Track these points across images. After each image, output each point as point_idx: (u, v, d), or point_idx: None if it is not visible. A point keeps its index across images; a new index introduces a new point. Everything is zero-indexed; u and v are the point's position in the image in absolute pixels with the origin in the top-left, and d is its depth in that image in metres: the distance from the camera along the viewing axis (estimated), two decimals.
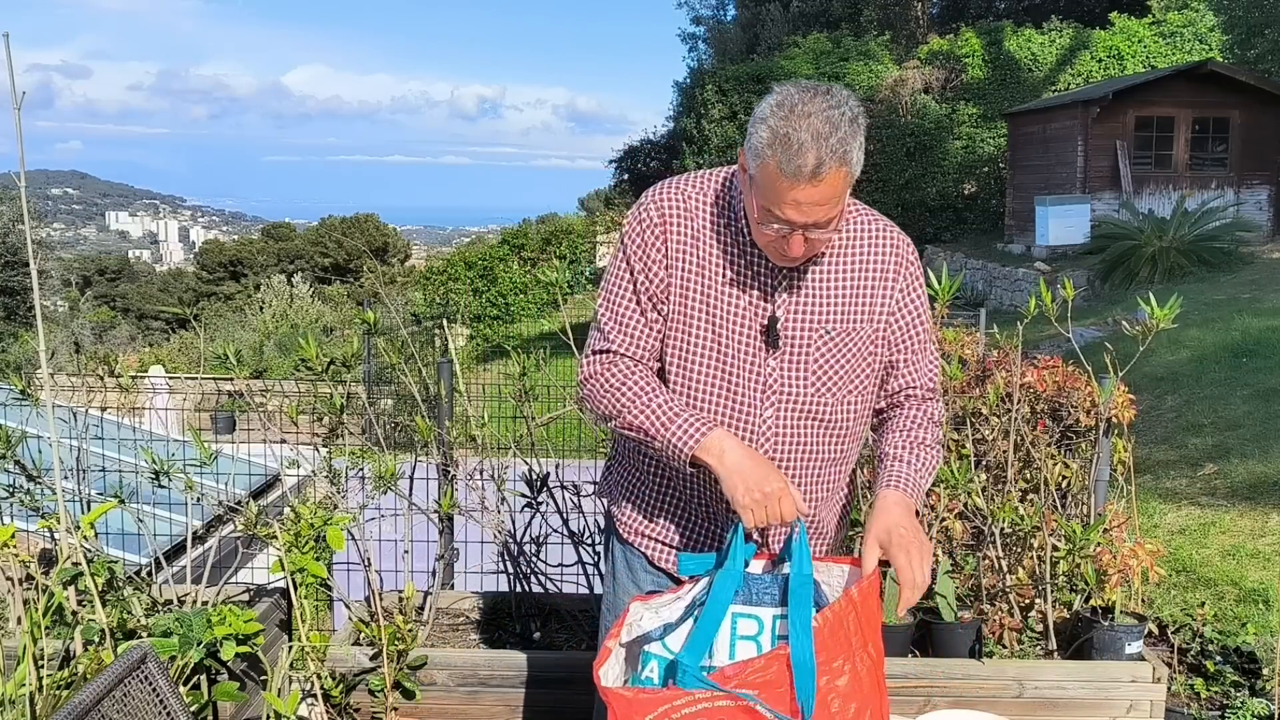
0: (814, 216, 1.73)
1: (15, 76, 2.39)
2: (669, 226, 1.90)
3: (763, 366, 1.91)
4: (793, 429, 1.94)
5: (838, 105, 1.71)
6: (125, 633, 2.73)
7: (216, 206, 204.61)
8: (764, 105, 1.75)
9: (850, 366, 1.95)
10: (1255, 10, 17.12)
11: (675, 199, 1.92)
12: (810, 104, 1.69)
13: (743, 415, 1.93)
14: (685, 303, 1.91)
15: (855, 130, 1.71)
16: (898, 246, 1.97)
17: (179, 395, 8.06)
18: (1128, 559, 3.14)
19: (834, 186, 1.71)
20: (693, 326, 1.92)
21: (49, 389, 2.95)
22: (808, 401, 1.93)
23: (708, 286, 1.90)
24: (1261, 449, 6.52)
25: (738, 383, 1.92)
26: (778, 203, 1.73)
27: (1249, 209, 16.72)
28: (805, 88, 1.73)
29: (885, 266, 1.95)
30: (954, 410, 3.36)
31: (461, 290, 23.10)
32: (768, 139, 1.70)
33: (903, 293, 1.97)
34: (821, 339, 1.92)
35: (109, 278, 50.00)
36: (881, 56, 22.20)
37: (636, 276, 1.92)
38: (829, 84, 1.76)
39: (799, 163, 1.67)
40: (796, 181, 1.69)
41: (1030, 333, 3.31)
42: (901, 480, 1.90)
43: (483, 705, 3.06)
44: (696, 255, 1.90)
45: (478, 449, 3.47)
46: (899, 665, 3.03)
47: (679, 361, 1.94)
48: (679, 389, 1.95)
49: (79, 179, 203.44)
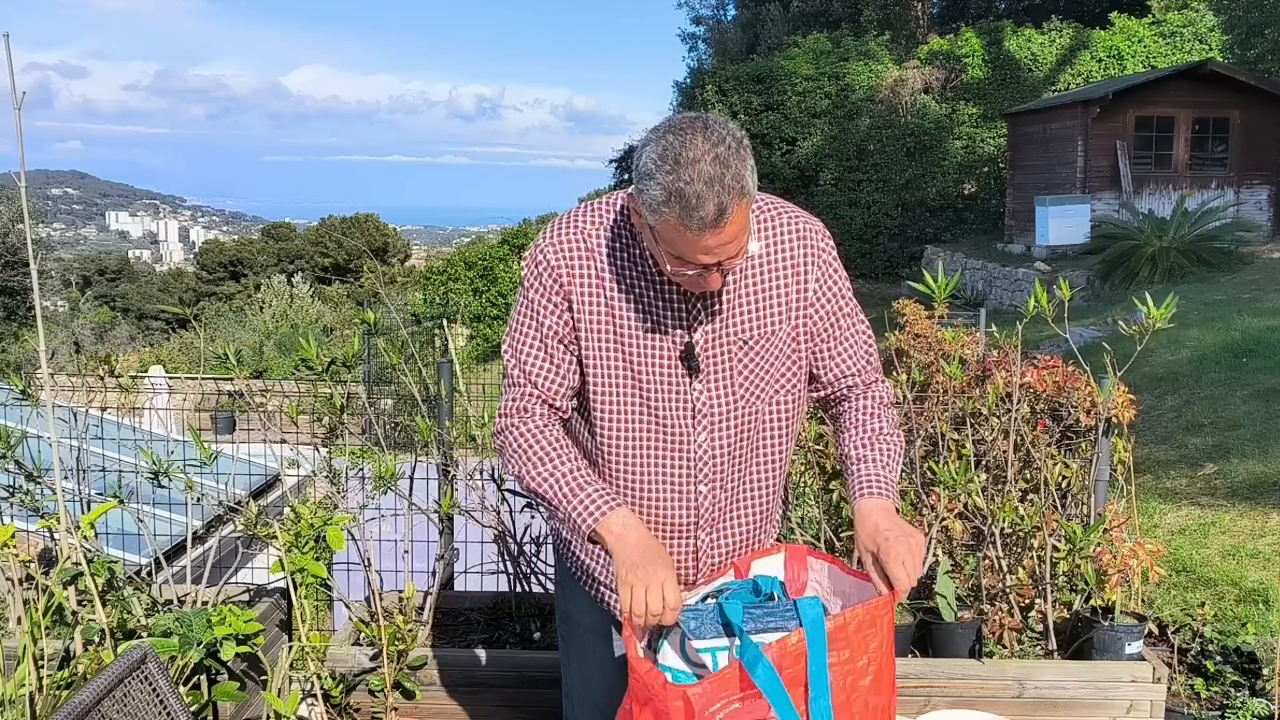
0: (727, 254, 1.69)
1: (15, 76, 2.39)
2: (569, 268, 1.84)
3: (688, 393, 1.87)
4: (728, 446, 1.91)
5: (721, 140, 1.63)
6: (125, 633, 2.73)
7: (216, 206, 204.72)
8: (646, 158, 1.66)
9: (775, 371, 1.91)
10: (1255, 10, 17.12)
11: (572, 238, 1.85)
12: (693, 147, 1.61)
13: (677, 446, 1.89)
14: (597, 343, 1.86)
15: (743, 156, 1.65)
16: (805, 236, 1.89)
17: (179, 395, 8.05)
18: (1128, 559, 3.14)
19: (740, 222, 1.66)
20: (609, 366, 1.87)
21: (49, 389, 2.95)
22: (739, 415, 1.90)
23: (618, 324, 1.85)
24: (1261, 449, 6.52)
25: (665, 414, 1.87)
26: (689, 253, 1.67)
27: (1249, 209, 16.72)
28: (682, 129, 1.64)
29: (795, 260, 1.88)
30: (954, 410, 3.36)
31: (461, 290, 23.11)
32: (661, 197, 1.62)
33: (818, 282, 1.90)
34: (742, 351, 1.87)
35: (109, 278, 50.01)
36: (881, 56, 22.19)
37: (541, 320, 1.87)
38: (699, 115, 1.68)
39: (700, 215, 1.61)
40: (702, 233, 1.63)
41: (1030, 333, 3.31)
42: (872, 484, 1.86)
43: (483, 705, 3.06)
44: (602, 294, 1.84)
45: (478, 449, 3.47)
46: (899, 665, 3.03)
47: (601, 403, 1.89)
48: (606, 428, 1.90)
49: (79, 179, 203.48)
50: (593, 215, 1.88)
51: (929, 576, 3.25)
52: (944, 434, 3.33)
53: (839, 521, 3.41)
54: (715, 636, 1.71)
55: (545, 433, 1.89)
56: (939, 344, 3.54)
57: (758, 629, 1.70)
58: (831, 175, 21.19)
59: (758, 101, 21.43)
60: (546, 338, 1.87)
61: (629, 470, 1.92)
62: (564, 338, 1.87)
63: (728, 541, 1.98)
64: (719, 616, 1.73)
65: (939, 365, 3.38)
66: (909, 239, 20.50)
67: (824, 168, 21.27)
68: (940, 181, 21.09)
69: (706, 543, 1.97)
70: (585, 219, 1.87)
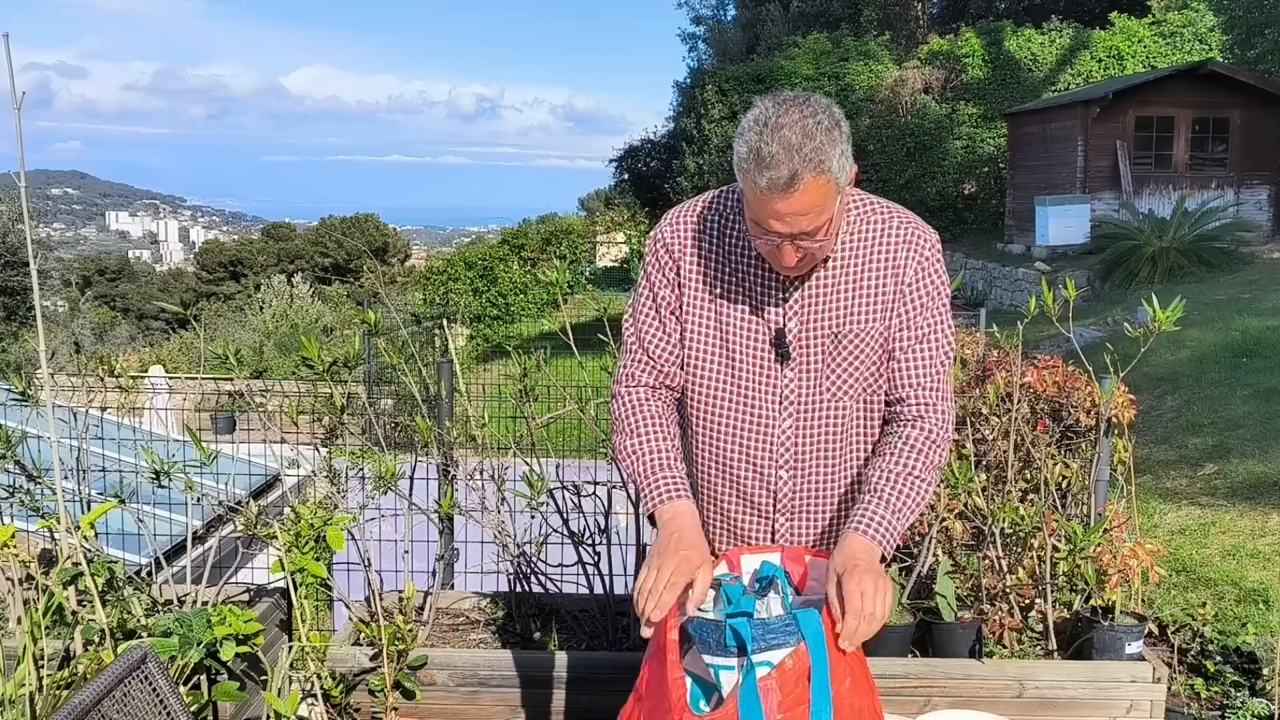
0: (799, 226, 1.72)
1: (15, 76, 2.39)
2: (681, 246, 1.95)
3: (778, 379, 1.93)
4: (812, 438, 1.95)
5: (813, 114, 1.69)
6: (125, 633, 2.73)
7: (216, 206, 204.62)
8: (744, 121, 1.75)
9: (865, 369, 1.93)
10: (1255, 10, 17.11)
11: (689, 220, 1.96)
12: (785, 115, 1.69)
13: (761, 429, 1.95)
14: (697, 318, 1.95)
15: (834, 138, 1.69)
16: (909, 239, 1.90)
17: (179, 395, 8.06)
18: (1128, 559, 3.14)
19: (814, 196, 1.69)
20: (706, 341, 1.95)
21: (49, 389, 2.95)
22: (825, 409, 1.94)
23: (718, 306, 1.94)
24: (1261, 449, 6.52)
25: (754, 398, 1.95)
26: (762, 216, 1.74)
27: (1249, 209, 16.72)
28: (782, 100, 1.72)
29: (895, 259, 1.90)
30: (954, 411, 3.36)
31: (461, 290, 23.10)
32: (744, 154, 1.70)
33: (909, 285, 1.90)
34: (834, 344, 1.91)
35: (109, 278, 50.00)
36: (881, 56, 22.19)
37: (657, 293, 1.98)
38: (810, 94, 1.74)
39: (772, 175, 1.67)
40: (772, 194, 1.68)
41: (1030, 333, 3.31)
42: (870, 524, 1.82)
43: (483, 705, 3.06)
44: (708, 272, 1.93)
45: (478, 449, 3.47)
46: (899, 665, 3.03)
47: (696, 382, 1.98)
48: (698, 409, 1.99)
49: (79, 179, 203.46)
50: (713, 201, 1.97)
51: (929, 576, 3.25)
52: None
53: None
54: (723, 654, 1.72)
55: (646, 405, 1.99)
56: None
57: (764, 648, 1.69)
58: None
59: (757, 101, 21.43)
60: (660, 308, 1.98)
61: (714, 445, 1.99)
62: (674, 309, 1.97)
63: (806, 530, 2.01)
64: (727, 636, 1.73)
65: None
66: None
67: None
68: (940, 181, 21.09)
69: (785, 528, 2.01)
70: (704, 204, 1.97)
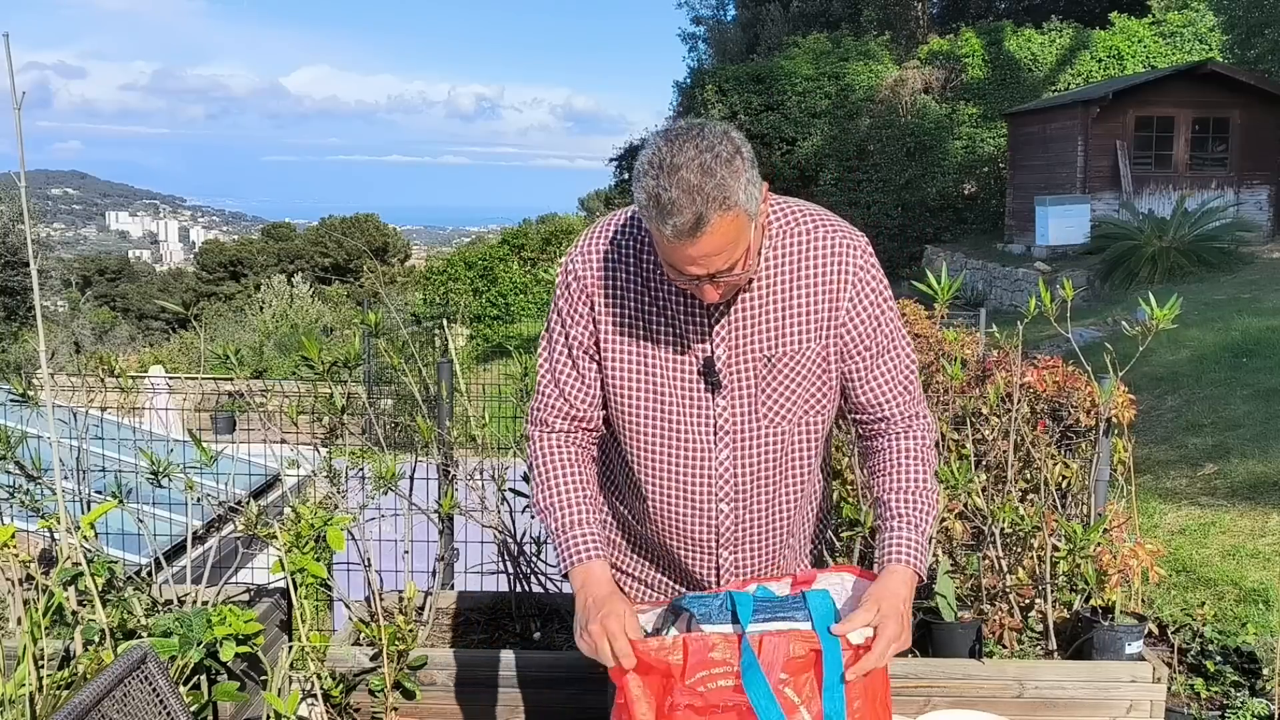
0: (714, 266, 1.63)
1: (15, 76, 2.39)
2: (594, 278, 1.83)
3: (711, 409, 1.82)
4: (751, 466, 1.86)
5: (710, 148, 1.57)
6: (125, 633, 2.73)
7: (216, 206, 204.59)
8: (639, 161, 1.63)
9: (803, 392, 1.83)
10: (1255, 10, 17.12)
11: (600, 248, 1.84)
12: (680, 154, 1.57)
13: (698, 463, 1.85)
14: (620, 359, 1.84)
15: (735, 168, 1.58)
16: (840, 252, 1.79)
17: (179, 395, 8.06)
18: (1128, 559, 3.14)
19: (725, 234, 1.59)
20: (631, 383, 1.84)
21: (49, 389, 2.94)
22: (763, 435, 1.84)
23: (639, 338, 1.82)
24: (1261, 449, 6.53)
25: (687, 431, 1.84)
26: (675, 260, 1.64)
27: (1249, 209, 16.72)
28: (674, 135, 1.60)
29: (828, 276, 1.79)
30: (954, 410, 3.36)
31: (461, 290, 23.12)
32: (644, 201, 1.59)
33: (852, 301, 1.80)
34: (768, 368, 1.80)
35: (109, 278, 50.01)
36: (881, 56, 22.20)
37: (569, 332, 1.86)
38: (704, 123, 1.63)
39: (677, 222, 1.56)
40: (680, 241, 1.58)
41: (1030, 333, 3.31)
42: (906, 552, 1.79)
43: (483, 705, 3.06)
44: (626, 304, 1.82)
45: (478, 449, 3.47)
46: (899, 665, 3.03)
47: (624, 420, 1.87)
48: (630, 448, 1.88)
49: (79, 179, 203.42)
50: (626, 224, 1.85)
51: (929, 576, 3.25)
52: (944, 434, 3.33)
53: (839, 521, 3.40)
54: (723, 623, 1.71)
55: (557, 453, 1.89)
56: (939, 344, 3.54)
57: (765, 619, 1.68)
58: (831, 175, 21.19)
59: (758, 101, 21.43)
60: (573, 348, 1.86)
61: (650, 483, 1.89)
62: (589, 349, 1.86)
63: (751, 561, 1.94)
64: (728, 605, 1.72)
65: (939, 365, 3.38)
66: (909, 239, 20.49)
67: (824, 168, 21.27)
68: (940, 181, 21.09)
69: (730, 561, 1.93)
70: (616, 227, 1.85)
